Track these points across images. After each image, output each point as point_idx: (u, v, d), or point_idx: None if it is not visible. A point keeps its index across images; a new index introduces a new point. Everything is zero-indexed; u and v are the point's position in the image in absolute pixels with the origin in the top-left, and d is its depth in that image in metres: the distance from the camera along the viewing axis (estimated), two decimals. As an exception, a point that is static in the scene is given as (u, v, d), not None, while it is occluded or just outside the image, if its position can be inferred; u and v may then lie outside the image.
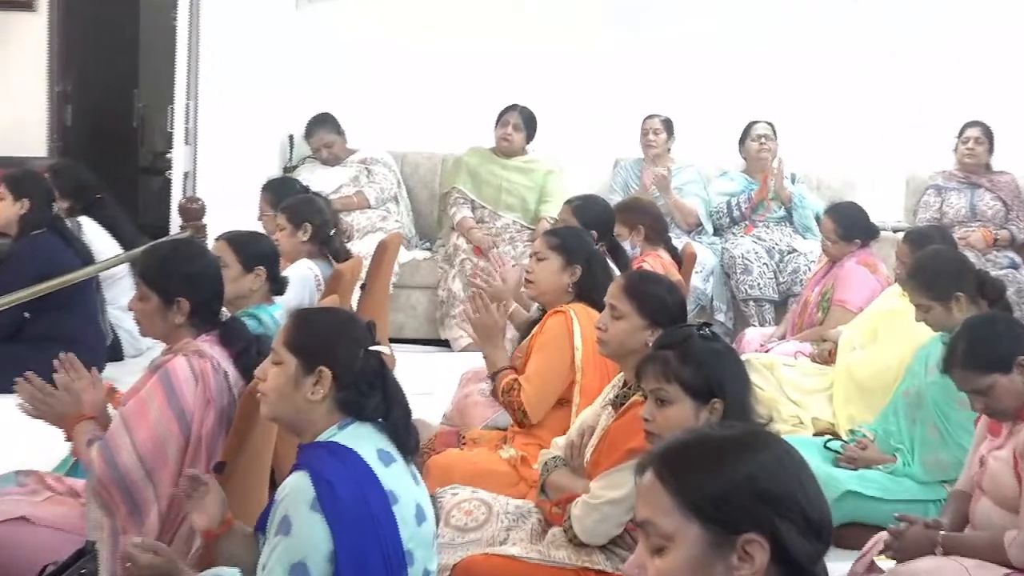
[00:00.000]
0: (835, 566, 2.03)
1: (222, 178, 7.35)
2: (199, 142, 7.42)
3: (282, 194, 5.77)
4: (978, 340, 3.55)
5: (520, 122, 7.81)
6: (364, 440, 2.74)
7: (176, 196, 7.28)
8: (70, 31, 8.48)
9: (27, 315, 5.87)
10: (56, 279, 5.48)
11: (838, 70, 8.27)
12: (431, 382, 6.00)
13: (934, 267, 4.53)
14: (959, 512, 3.72)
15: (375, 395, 2.78)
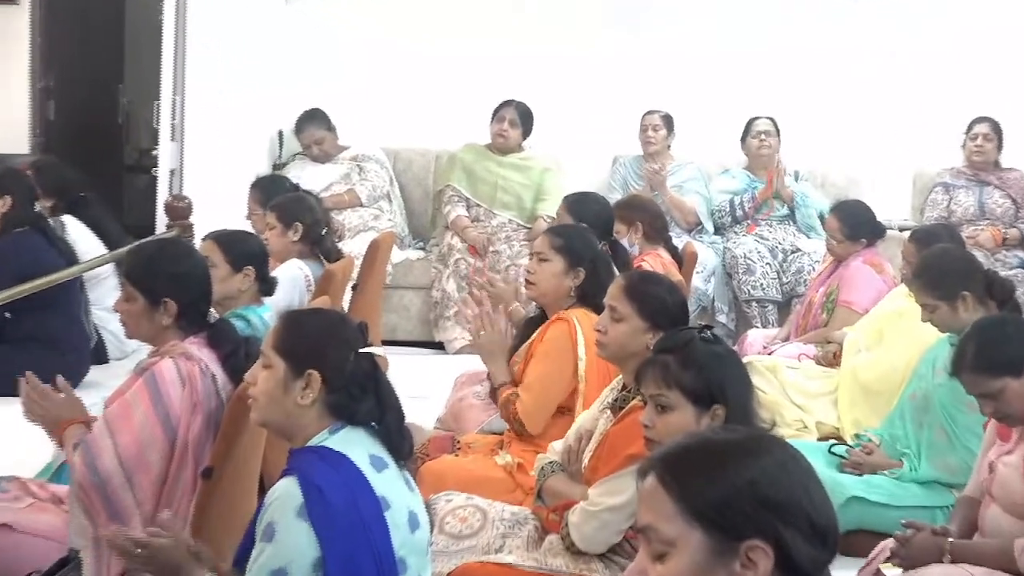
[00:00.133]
0: (840, 574, 2.03)
1: (209, 175, 7.34)
2: (186, 138, 7.41)
3: (272, 192, 5.77)
4: (988, 342, 3.54)
5: (516, 117, 7.80)
6: (356, 445, 2.73)
7: (162, 194, 7.27)
8: (53, 25, 8.48)
9: (8, 316, 5.86)
10: (39, 279, 5.47)
11: (842, 65, 8.27)
12: (425, 385, 5.99)
13: (940, 266, 4.53)
14: (967, 519, 3.72)
15: (367, 399, 2.77)
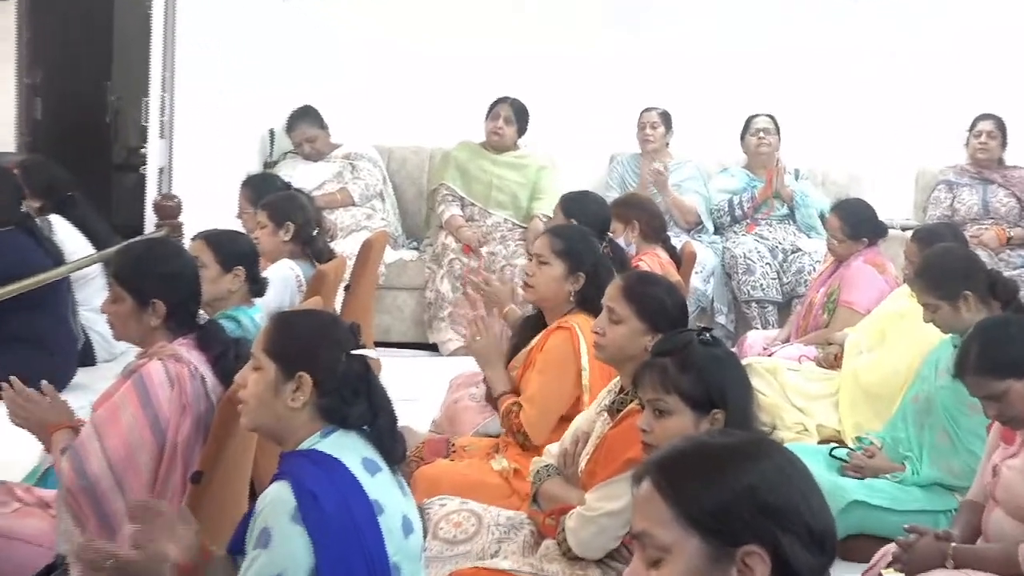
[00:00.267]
0: (841, 580, 2.04)
1: (199, 174, 7.35)
2: (175, 136, 7.42)
3: (263, 190, 5.76)
4: (991, 344, 3.54)
5: (511, 115, 7.79)
6: (348, 449, 2.73)
7: (151, 193, 7.28)
8: (40, 21, 8.48)
9: (-5, 316, 5.86)
10: (26, 279, 5.47)
11: (843, 62, 8.28)
12: (418, 388, 5.99)
13: (942, 265, 4.54)
14: (971, 523, 3.72)
15: (359, 401, 2.77)
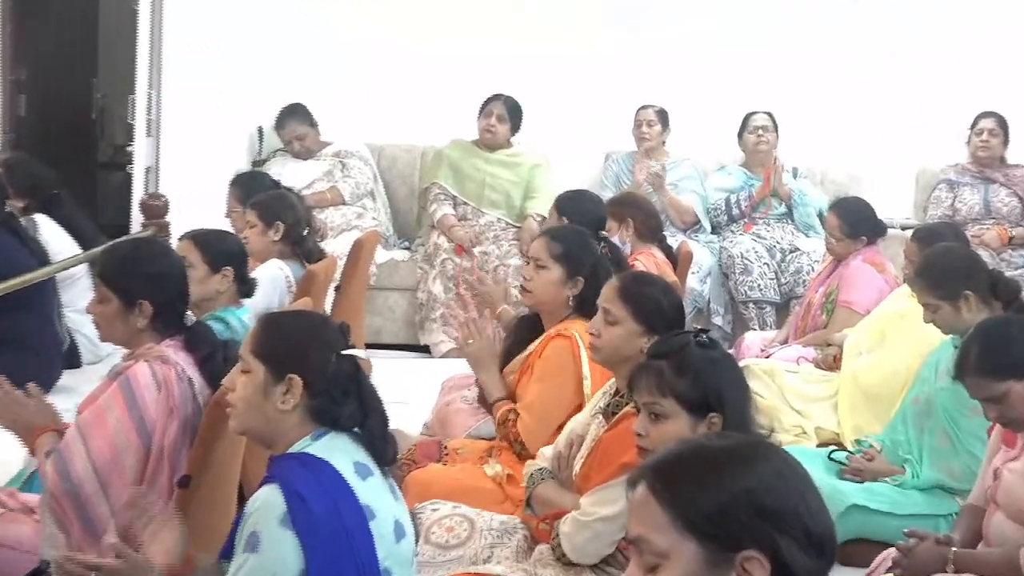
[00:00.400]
0: (840, 585, 2.04)
1: (187, 173, 7.34)
2: (162, 134, 7.42)
3: (252, 189, 5.76)
4: (992, 344, 3.55)
5: (504, 112, 7.79)
6: (339, 452, 2.74)
7: (137, 192, 7.27)
8: (24, 16, 8.46)
9: (-22, 318, 5.85)
10: (11, 280, 5.46)
11: (843, 61, 8.29)
12: (410, 390, 5.99)
13: (943, 264, 4.55)
14: (972, 527, 3.73)
15: (350, 403, 2.78)
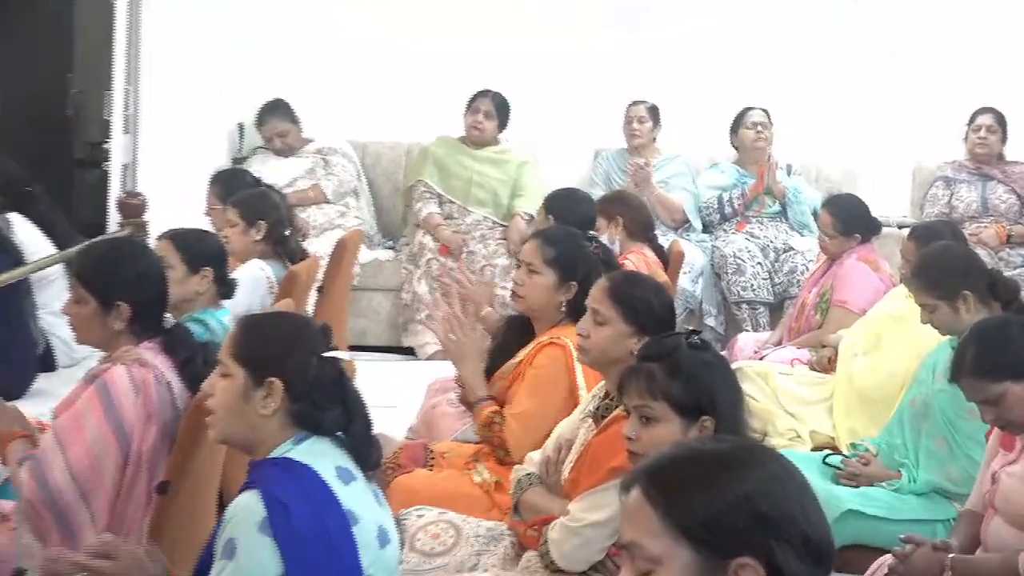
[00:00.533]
0: (836, 592, 2.04)
1: (165, 170, 7.32)
2: (140, 131, 7.40)
3: (233, 186, 5.75)
4: (988, 345, 3.55)
5: (492, 109, 7.80)
6: (322, 456, 2.73)
7: (114, 190, 7.25)
8: (-3, 9, 8.43)
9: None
10: (-17, 281, 5.45)
11: (839, 58, 8.29)
12: (395, 393, 5.98)
13: (940, 264, 4.55)
14: (970, 533, 3.73)
15: (333, 406, 2.77)
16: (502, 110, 7.83)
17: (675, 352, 3.06)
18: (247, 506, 2.60)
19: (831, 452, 5.04)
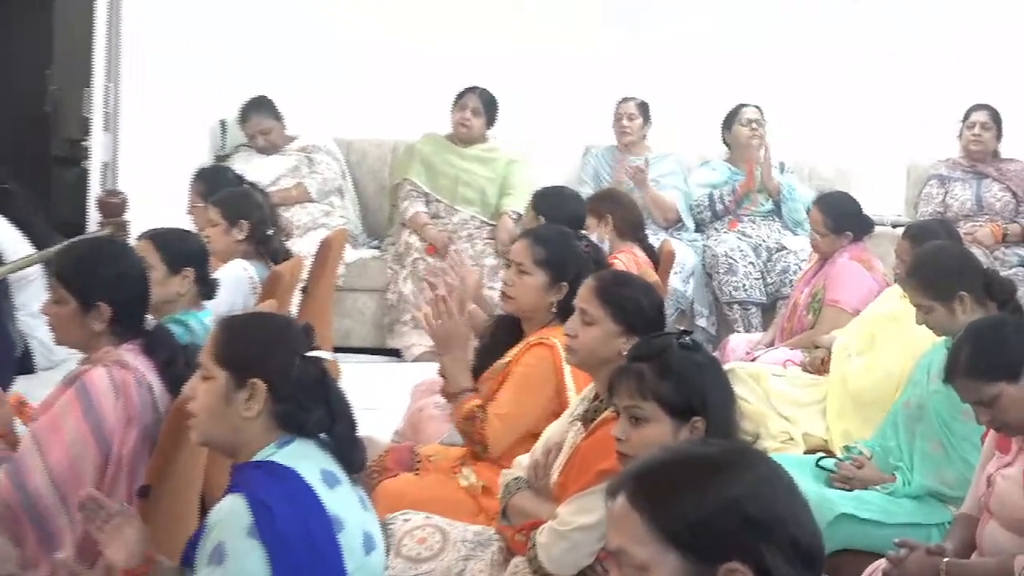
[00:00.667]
0: (828, 597, 2.04)
1: (146, 169, 7.33)
2: (120, 129, 7.40)
3: (215, 184, 5.74)
4: (983, 346, 3.55)
5: (479, 106, 7.79)
6: (306, 459, 2.73)
7: (94, 189, 7.25)
8: (-26, 4, 8.42)
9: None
10: (-40, 282, 5.44)
11: (835, 56, 8.33)
12: (380, 395, 5.98)
13: (936, 264, 4.55)
14: (965, 537, 3.74)
15: (317, 408, 2.77)
16: (490, 107, 7.82)
17: (665, 352, 3.06)
18: (232, 510, 2.60)
19: (824, 455, 5.04)
